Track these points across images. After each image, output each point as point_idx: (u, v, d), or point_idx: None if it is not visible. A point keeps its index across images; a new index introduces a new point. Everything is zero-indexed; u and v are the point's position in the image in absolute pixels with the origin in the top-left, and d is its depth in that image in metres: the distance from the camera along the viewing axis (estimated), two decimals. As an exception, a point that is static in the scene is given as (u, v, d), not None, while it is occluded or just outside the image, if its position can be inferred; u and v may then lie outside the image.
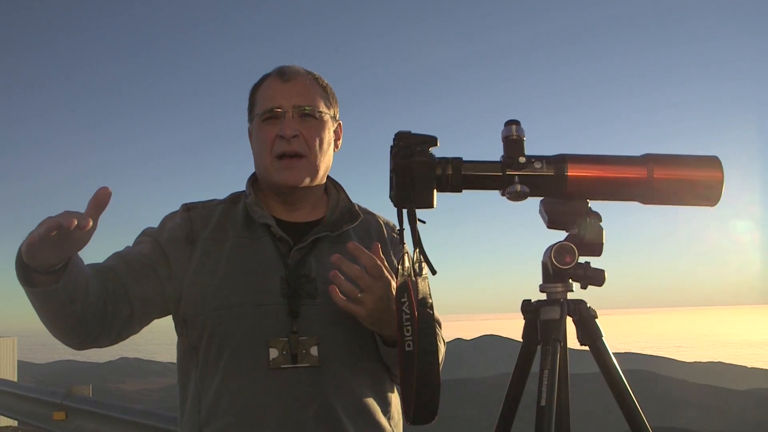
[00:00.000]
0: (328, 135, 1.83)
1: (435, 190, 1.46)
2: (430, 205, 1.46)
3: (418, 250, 1.47)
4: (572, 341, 1.57)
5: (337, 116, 1.88)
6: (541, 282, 1.58)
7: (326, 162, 1.83)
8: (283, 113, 1.77)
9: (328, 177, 1.91)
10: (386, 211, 1.98)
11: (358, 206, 1.92)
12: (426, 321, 1.50)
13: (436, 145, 1.49)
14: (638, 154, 1.56)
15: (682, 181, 1.53)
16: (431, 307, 1.50)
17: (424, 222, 1.52)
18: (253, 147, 1.87)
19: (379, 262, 1.61)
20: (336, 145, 1.88)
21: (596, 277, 1.51)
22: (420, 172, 1.44)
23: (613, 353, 1.57)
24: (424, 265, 1.49)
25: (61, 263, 1.45)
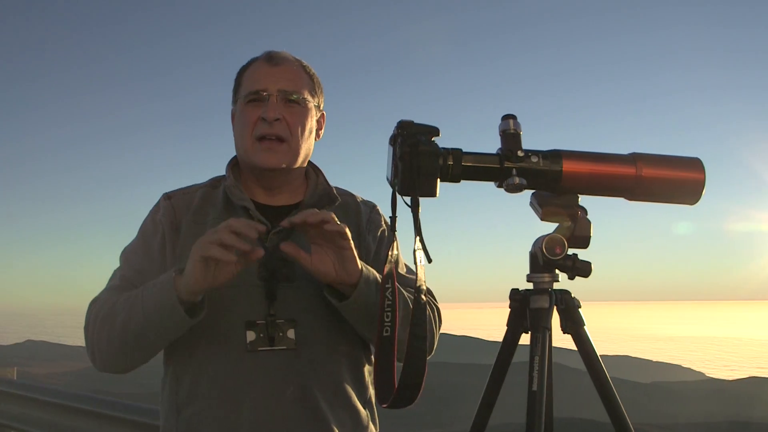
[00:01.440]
0: (311, 122, 1.83)
1: (438, 180, 1.49)
2: (434, 194, 1.49)
3: (418, 238, 1.49)
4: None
5: (322, 106, 1.89)
6: (528, 272, 1.63)
7: (306, 149, 1.84)
8: (267, 96, 1.77)
9: (309, 162, 1.92)
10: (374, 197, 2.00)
11: (336, 189, 1.93)
12: (420, 307, 1.54)
13: (438, 135, 1.52)
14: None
15: (667, 179, 1.60)
16: (426, 293, 1.53)
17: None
18: (234, 129, 1.87)
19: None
20: (318, 135, 1.89)
21: (584, 269, 1.58)
22: (426, 161, 1.47)
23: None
24: (421, 252, 1.52)
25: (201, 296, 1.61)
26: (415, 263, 1.51)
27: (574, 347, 1.63)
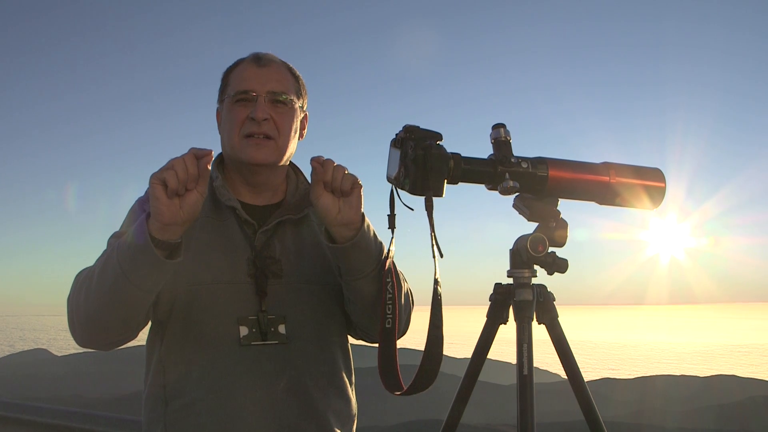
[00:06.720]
0: (296, 123, 1.91)
1: (446, 181, 1.60)
2: (441, 194, 1.60)
3: (433, 234, 1.58)
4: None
5: (305, 107, 1.96)
6: (509, 268, 1.77)
7: (291, 148, 1.91)
8: (256, 97, 1.83)
9: (290, 162, 1.99)
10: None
11: None
12: (436, 298, 1.64)
13: (442, 140, 1.62)
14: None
15: (635, 186, 1.79)
16: (439, 284, 1.64)
17: (412, 209, 1.66)
18: (221, 127, 1.92)
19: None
20: (301, 135, 1.97)
21: (562, 265, 1.73)
22: (438, 163, 1.57)
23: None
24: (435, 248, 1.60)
25: (178, 238, 1.58)
26: (433, 257, 1.61)
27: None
